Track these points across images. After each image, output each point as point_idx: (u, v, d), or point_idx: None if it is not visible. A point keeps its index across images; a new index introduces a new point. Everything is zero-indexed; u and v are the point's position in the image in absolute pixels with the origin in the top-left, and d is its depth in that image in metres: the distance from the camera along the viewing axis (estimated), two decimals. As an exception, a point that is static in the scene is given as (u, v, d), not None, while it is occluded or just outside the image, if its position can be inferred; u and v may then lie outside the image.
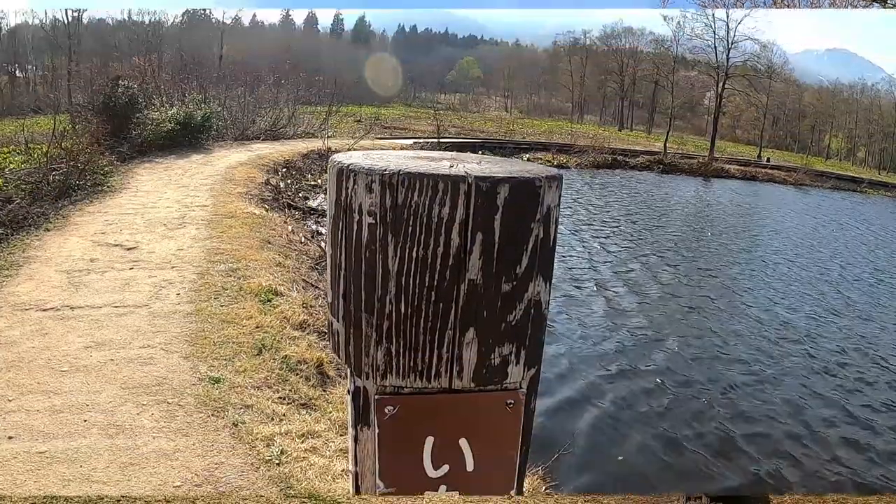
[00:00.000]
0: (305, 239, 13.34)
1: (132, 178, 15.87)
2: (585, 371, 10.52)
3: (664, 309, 14.90)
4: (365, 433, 1.45)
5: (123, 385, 6.15)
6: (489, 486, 1.52)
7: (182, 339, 7.16)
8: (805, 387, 10.91)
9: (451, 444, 1.42)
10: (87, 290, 8.28)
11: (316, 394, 6.60)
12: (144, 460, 5.11)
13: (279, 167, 20.55)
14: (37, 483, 4.74)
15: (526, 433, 1.50)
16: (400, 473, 1.43)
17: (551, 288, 1.39)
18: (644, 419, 9.14)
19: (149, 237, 10.88)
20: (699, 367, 11.32)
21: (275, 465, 5.21)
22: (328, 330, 1.48)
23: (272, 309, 8.28)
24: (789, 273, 20.00)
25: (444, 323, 1.28)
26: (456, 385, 1.35)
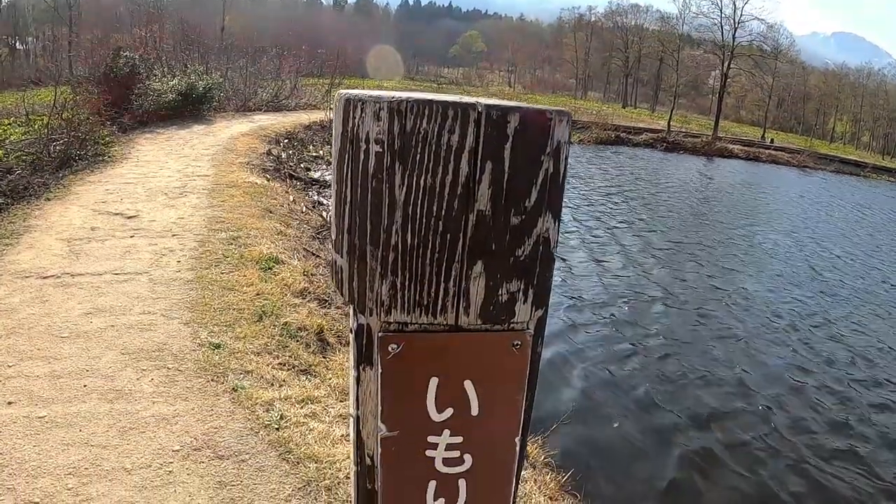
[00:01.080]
0: (307, 208, 13.27)
1: (133, 148, 15.78)
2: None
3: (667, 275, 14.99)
4: (367, 373, 1.40)
5: (123, 351, 6.12)
6: (494, 431, 1.47)
7: (182, 306, 7.12)
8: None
9: (455, 387, 1.38)
10: (87, 258, 8.23)
11: (316, 360, 6.57)
12: (144, 424, 5.09)
13: (281, 138, 20.44)
14: (36, 447, 4.71)
15: (532, 377, 1.46)
16: (403, 416, 1.40)
17: (560, 227, 1.33)
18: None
19: (150, 206, 10.82)
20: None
21: (274, 430, 5.19)
22: (331, 268, 1.44)
23: (273, 276, 8.25)
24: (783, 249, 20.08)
25: (451, 255, 1.24)
26: (462, 321, 1.31)
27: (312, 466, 4.83)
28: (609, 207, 23.72)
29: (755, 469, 7.61)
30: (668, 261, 17.01)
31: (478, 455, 1.49)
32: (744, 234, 21.49)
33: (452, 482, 1.51)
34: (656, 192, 28.88)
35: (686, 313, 12.88)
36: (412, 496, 1.51)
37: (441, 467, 1.48)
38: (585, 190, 26.34)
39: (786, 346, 11.72)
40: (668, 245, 18.97)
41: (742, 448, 8.09)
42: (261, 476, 4.68)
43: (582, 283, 14.21)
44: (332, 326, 7.37)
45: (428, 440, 1.44)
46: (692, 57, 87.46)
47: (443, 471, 1.48)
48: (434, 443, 1.44)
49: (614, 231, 19.85)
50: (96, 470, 4.57)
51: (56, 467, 4.55)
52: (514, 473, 1.57)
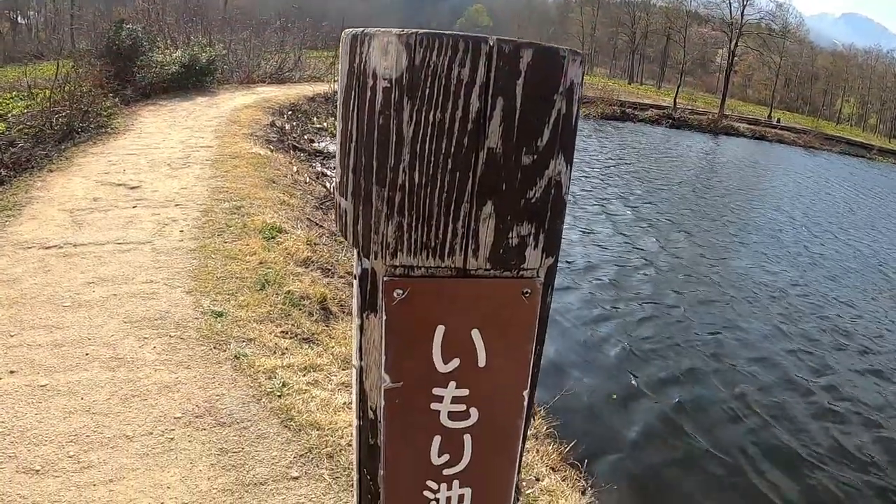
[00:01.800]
0: (311, 179, 13.20)
1: (136, 120, 15.71)
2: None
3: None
4: (371, 321, 1.35)
5: (126, 319, 6.10)
6: (501, 384, 1.42)
7: (185, 275, 7.10)
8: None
9: (462, 336, 1.33)
10: (90, 228, 8.19)
11: (318, 329, 6.55)
12: (146, 392, 5.07)
13: (285, 110, 20.31)
14: (37, 415, 4.70)
15: (541, 329, 1.42)
16: (407, 367, 1.35)
17: (571, 172, 1.29)
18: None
19: (152, 177, 10.77)
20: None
21: (276, 398, 5.18)
22: (335, 213, 1.39)
23: (276, 245, 8.22)
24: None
25: (460, 194, 1.19)
26: (471, 265, 1.26)
27: (314, 434, 4.81)
28: (610, 181, 23.66)
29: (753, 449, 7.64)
30: (665, 235, 16.97)
31: (484, 409, 1.44)
32: (740, 211, 21.47)
33: (458, 437, 1.47)
34: (658, 167, 28.79)
35: (678, 282, 12.89)
36: (416, 451, 1.47)
37: (446, 421, 1.43)
38: (586, 164, 26.24)
39: (765, 313, 11.95)
40: (662, 218, 18.94)
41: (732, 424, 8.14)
42: (262, 443, 4.67)
43: (574, 250, 14.28)
44: (336, 295, 7.34)
45: (433, 392, 1.39)
46: (700, 34, 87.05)
47: (448, 425, 1.44)
48: (439, 395, 1.40)
49: (608, 203, 19.82)
50: (97, 437, 4.56)
51: (57, 435, 4.54)
52: (521, 429, 1.53)
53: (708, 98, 75.43)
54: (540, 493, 5.09)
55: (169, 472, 4.30)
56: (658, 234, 17.05)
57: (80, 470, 4.25)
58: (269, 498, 4.19)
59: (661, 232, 17.25)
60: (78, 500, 4.01)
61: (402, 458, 1.48)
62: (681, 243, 16.21)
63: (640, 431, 7.52)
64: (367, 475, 1.58)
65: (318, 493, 4.29)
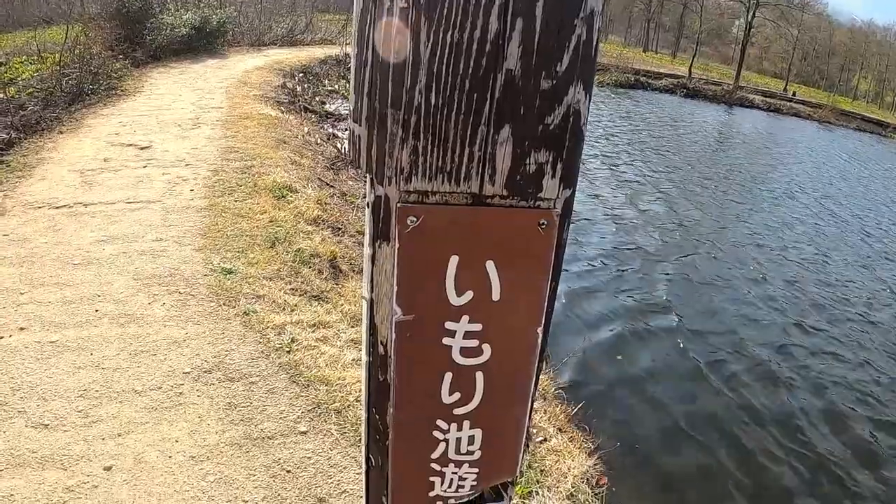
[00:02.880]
0: (321, 140, 13.12)
1: (146, 82, 15.63)
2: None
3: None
4: (384, 250, 1.31)
5: (135, 276, 6.10)
6: (515, 319, 1.39)
7: (195, 233, 7.09)
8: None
9: (477, 267, 1.30)
10: (100, 188, 8.18)
11: (328, 287, 6.53)
12: (155, 347, 5.08)
13: (296, 72, 20.16)
14: (47, 371, 4.71)
15: (557, 264, 1.38)
16: (419, 299, 1.31)
17: (590, 104, 1.24)
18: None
19: (163, 137, 10.73)
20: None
21: (285, 353, 5.20)
22: (349, 141, 1.35)
23: (286, 204, 8.20)
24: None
25: (477, 117, 1.15)
26: (487, 191, 1.22)
27: (322, 389, 4.83)
28: (622, 146, 23.54)
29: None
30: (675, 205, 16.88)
31: (497, 345, 1.41)
32: (748, 183, 21.23)
33: (469, 375, 1.44)
34: (671, 135, 28.58)
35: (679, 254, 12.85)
36: (426, 389, 1.45)
37: (458, 358, 1.41)
38: (598, 130, 26.10)
39: (760, 283, 11.92)
40: (668, 184, 18.85)
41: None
42: (271, 398, 4.67)
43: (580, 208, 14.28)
44: (346, 254, 7.32)
45: (445, 326, 1.36)
46: (716, 3, 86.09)
47: (460, 362, 1.41)
48: (451, 330, 1.37)
49: (617, 169, 19.72)
50: (107, 392, 4.58)
51: (67, 390, 4.56)
52: (533, 368, 1.50)
53: (723, 69, 74.72)
54: (547, 452, 5.09)
55: (177, 426, 4.31)
56: (665, 199, 16.97)
57: (88, 424, 4.27)
58: (277, 452, 4.20)
59: (668, 197, 17.17)
60: (87, 453, 4.03)
61: (412, 396, 1.46)
62: (689, 211, 16.11)
63: (647, 393, 7.51)
64: (376, 414, 1.55)
65: (326, 448, 4.30)
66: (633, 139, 25.67)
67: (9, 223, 6.96)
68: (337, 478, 4.08)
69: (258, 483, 3.94)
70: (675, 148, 25.47)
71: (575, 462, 5.04)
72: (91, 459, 3.98)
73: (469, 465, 1.62)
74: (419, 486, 1.65)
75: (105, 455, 4.02)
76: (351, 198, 9.59)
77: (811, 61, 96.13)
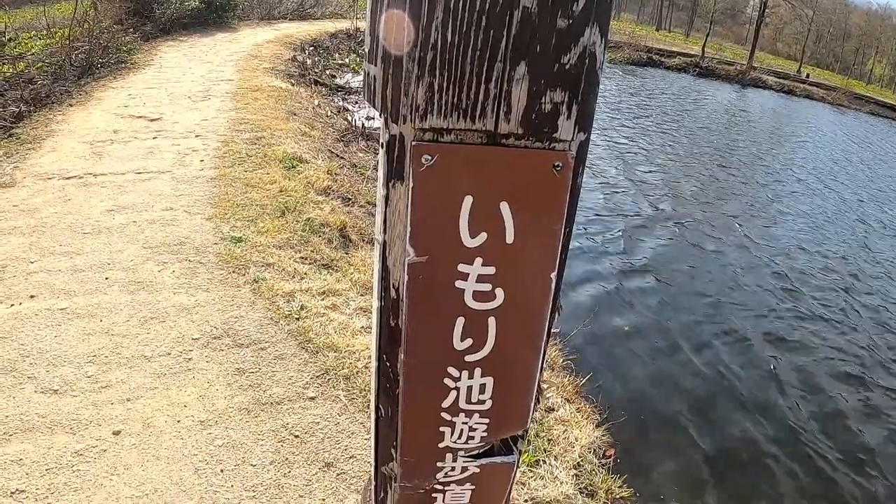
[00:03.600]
0: (332, 113, 13.06)
1: (156, 56, 15.58)
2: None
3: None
4: (398, 189, 1.30)
5: (145, 245, 6.10)
6: (528, 264, 1.37)
7: (205, 202, 7.08)
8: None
9: (491, 208, 1.29)
10: (110, 159, 8.16)
11: (338, 255, 6.53)
12: (164, 314, 5.08)
13: (306, 45, 20.04)
14: (57, 338, 4.71)
15: (571, 209, 1.36)
16: (433, 239, 1.30)
17: (605, 49, 1.25)
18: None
19: (173, 109, 10.69)
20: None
21: (294, 320, 5.20)
22: (363, 83, 1.35)
23: (296, 174, 8.18)
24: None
25: (493, 53, 1.15)
26: (502, 128, 1.21)
27: (331, 356, 4.82)
28: (631, 121, 23.41)
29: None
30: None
31: (510, 290, 1.40)
32: (755, 162, 21.01)
33: (482, 320, 1.43)
34: (681, 112, 28.40)
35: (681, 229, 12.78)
36: (438, 334, 1.44)
37: (471, 302, 1.39)
38: (610, 107, 25.95)
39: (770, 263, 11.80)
40: (673, 160, 18.75)
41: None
42: (280, 364, 4.67)
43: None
44: (356, 224, 7.30)
45: (458, 269, 1.35)
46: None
47: (472, 306, 1.40)
48: (465, 272, 1.36)
49: (623, 146, 19.60)
50: (116, 358, 4.58)
51: (76, 356, 4.57)
52: (546, 316, 1.48)
53: (736, 49, 73.85)
54: (555, 422, 5.08)
55: (186, 391, 4.31)
56: (669, 173, 16.91)
57: (98, 389, 4.27)
58: (286, 417, 4.20)
59: (670, 173, 17.09)
60: (96, 418, 4.03)
61: (424, 341, 1.44)
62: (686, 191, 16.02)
63: (653, 366, 7.49)
64: (387, 361, 1.54)
65: (334, 413, 4.29)
66: (640, 114, 25.51)
67: (19, 194, 6.95)
68: (345, 443, 4.07)
69: (266, 448, 3.94)
70: (684, 125, 25.29)
71: (582, 433, 5.03)
72: (100, 424, 3.99)
73: (480, 414, 1.61)
74: (429, 437, 1.64)
75: (114, 420, 4.03)
76: (361, 169, 9.55)
77: (826, 43, 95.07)
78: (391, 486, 1.81)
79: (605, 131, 20.47)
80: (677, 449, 6.22)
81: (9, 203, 6.72)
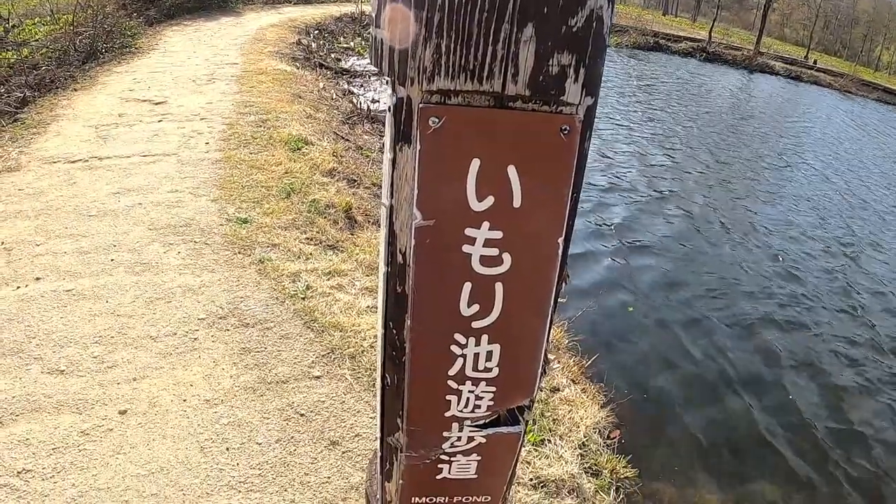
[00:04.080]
0: (337, 96, 13.04)
1: (160, 40, 15.55)
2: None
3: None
4: (405, 153, 1.30)
5: (151, 227, 6.10)
6: (536, 228, 1.37)
7: (210, 184, 7.08)
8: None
9: (498, 171, 1.29)
10: (115, 142, 8.16)
11: (343, 237, 6.51)
12: (170, 295, 5.08)
13: (311, 29, 20.04)
14: (63, 319, 4.72)
15: (578, 175, 1.36)
16: (440, 203, 1.30)
17: (613, 14, 1.24)
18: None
19: (178, 93, 10.68)
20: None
21: (300, 300, 5.20)
22: (370, 46, 1.35)
23: (302, 156, 8.16)
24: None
25: (500, 15, 1.15)
26: (510, 90, 1.21)
27: (337, 335, 4.83)
28: (636, 105, 23.31)
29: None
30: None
31: (517, 255, 1.40)
32: (760, 147, 20.86)
33: (489, 285, 1.43)
34: (688, 97, 28.27)
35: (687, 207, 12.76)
36: (445, 300, 1.44)
37: (478, 267, 1.40)
38: (615, 91, 25.85)
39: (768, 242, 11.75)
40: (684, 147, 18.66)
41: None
42: (285, 343, 4.68)
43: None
44: (361, 205, 7.28)
45: (466, 233, 1.35)
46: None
47: (479, 271, 1.40)
48: (472, 237, 1.36)
49: (625, 126, 19.53)
50: (122, 338, 4.58)
51: (82, 337, 4.57)
52: (553, 282, 1.48)
53: (744, 34, 73.32)
54: (560, 402, 5.07)
55: (192, 370, 4.32)
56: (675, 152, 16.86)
57: (104, 369, 4.28)
58: (291, 396, 4.20)
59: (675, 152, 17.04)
60: (102, 397, 4.04)
61: (431, 307, 1.44)
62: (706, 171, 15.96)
63: (658, 348, 7.48)
64: (393, 329, 1.54)
65: (340, 392, 4.30)
66: (644, 99, 25.40)
67: (24, 178, 6.95)
68: (350, 421, 4.07)
69: (272, 426, 3.94)
70: (689, 108, 25.18)
71: (587, 413, 5.03)
72: (106, 404, 4.00)
73: (486, 382, 1.61)
74: (435, 405, 1.65)
75: (120, 399, 4.03)
76: (367, 152, 9.53)
77: (833, 30, 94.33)
78: (397, 457, 1.81)
79: (609, 115, 20.39)
80: (682, 430, 6.21)
81: (14, 187, 6.71)
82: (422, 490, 1.90)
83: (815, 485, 5.87)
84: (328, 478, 3.66)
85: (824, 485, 5.89)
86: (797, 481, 5.84)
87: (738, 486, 5.63)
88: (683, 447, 5.98)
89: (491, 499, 1.98)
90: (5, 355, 4.31)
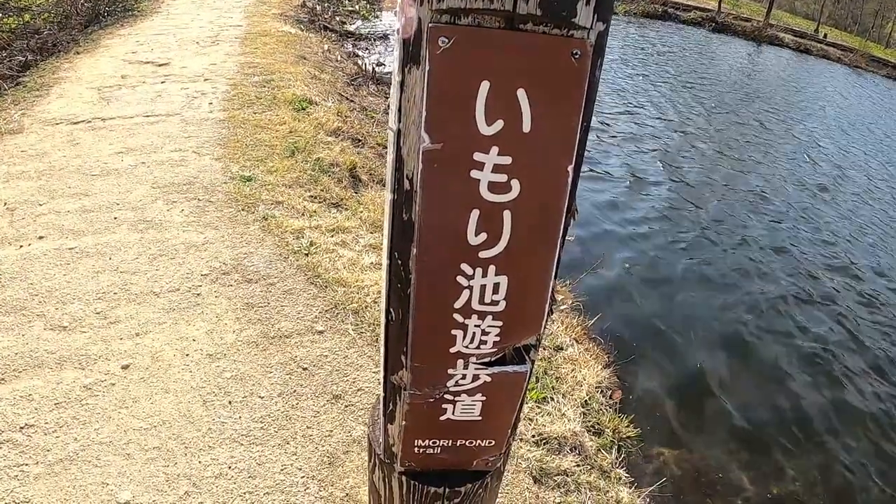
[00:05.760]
0: (342, 58, 12.94)
1: (163, 3, 15.39)
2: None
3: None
4: (413, 74, 1.26)
5: (154, 185, 6.08)
6: (545, 154, 1.34)
7: (214, 143, 7.05)
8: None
9: (508, 94, 1.25)
10: (118, 104, 8.10)
11: (347, 195, 6.50)
12: (173, 251, 5.08)
13: (315, -9, 19.90)
14: (66, 276, 4.71)
15: (588, 102, 1.33)
16: (449, 126, 1.27)
17: None
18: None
19: (181, 54, 10.59)
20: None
21: (303, 256, 5.20)
22: None
23: (306, 116, 8.12)
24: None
25: None
26: (521, 9, 1.17)
27: (340, 291, 4.83)
28: (643, 70, 23.15)
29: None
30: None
31: (526, 182, 1.37)
32: (769, 118, 20.66)
33: (497, 214, 1.40)
34: (697, 66, 28.10)
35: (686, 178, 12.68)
36: (452, 227, 1.41)
37: (486, 193, 1.37)
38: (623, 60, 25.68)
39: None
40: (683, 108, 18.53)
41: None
42: (289, 298, 4.67)
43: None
44: (365, 164, 7.26)
45: (474, 158, 1.32)
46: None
47: (488, 198, 1.38)
48: (480, 162, 1.33)
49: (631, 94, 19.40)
50: (125, 294, 4.58)
51: (85, 293, 4.58)
52: (563, 212, 1.45)
53: (753, 6, 72.31)
54: (563, 361, 5.07)
55: (195, 325, 4.31)
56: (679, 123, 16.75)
57: (106, 325, 4.28)
58: (294, 350, 4.20)
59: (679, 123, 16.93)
60: (104, 353, 4.04)
61: (437, 235, 1.42)
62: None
63: (662, 310, 7.46)
64: (398, 259, 1.51)
65: (343, 347, 4.30)
66: (653, 70, 25.24)
67: (27, 139, 6.91)
68: (353, 376, 4.07)
69: (274, 380, 3.94)
70: (698, 77, 24.99)
71: (590, 372, 5.03)
72: (108, 359, 4.00)
73: (493, 317, 1.58)
74: (440, 341, 1.62)
75: (122, 354, 4.04)
76: (371, 112, 9.48)
77: (844, 4, 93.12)
78: (400, 397, 1.79)
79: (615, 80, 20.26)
80: (684, 392, 6.20)
81: (17, 148, 6.68)
82: (425, 432, 1.88)
83: (818, 446, 5.87)
84: (330, 431, 3.65)
85: (826, 445, 5.89)
86: (801, 446, 5.83)
87: (742, 452, 5.62)
88: (686, 410, 5.97)
89: (494, 443, 1.97)
90: (8, 313, 4.32)
